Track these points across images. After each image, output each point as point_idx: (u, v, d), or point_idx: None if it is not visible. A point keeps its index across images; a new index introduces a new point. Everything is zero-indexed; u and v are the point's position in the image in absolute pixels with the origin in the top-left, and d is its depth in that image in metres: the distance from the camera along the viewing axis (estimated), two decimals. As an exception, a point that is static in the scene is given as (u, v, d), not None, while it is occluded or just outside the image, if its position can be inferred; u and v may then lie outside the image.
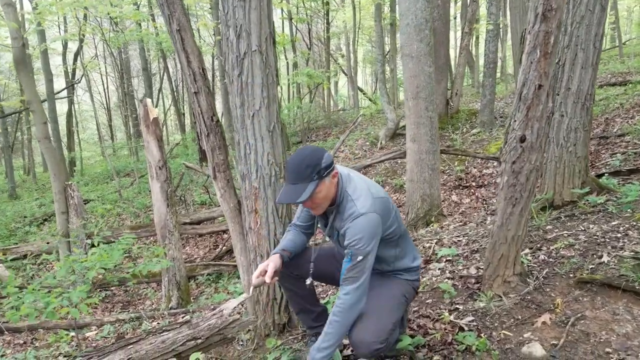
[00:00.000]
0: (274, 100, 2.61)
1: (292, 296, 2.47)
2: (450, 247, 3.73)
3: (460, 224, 5.29)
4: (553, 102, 2.29)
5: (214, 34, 12.02)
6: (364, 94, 20.28)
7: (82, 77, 15.35)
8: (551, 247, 3.19)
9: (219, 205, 7.89)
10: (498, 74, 15.87)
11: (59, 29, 16.45)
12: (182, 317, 4.41)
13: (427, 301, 3.02)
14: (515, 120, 2.36)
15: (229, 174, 2.88)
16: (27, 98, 5.77)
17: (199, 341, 2.43)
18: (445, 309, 2.84)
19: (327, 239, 2.36)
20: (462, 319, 2.67)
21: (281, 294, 2.91)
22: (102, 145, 15.54)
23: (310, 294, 2.49)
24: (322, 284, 3.76)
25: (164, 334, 2.43)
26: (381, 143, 10.68)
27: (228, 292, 5.34)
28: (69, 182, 6.38)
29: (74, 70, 16.52)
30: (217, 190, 2.92)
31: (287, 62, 16.27)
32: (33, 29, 9.26)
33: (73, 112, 17.91)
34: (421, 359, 2.34)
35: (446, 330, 2.57)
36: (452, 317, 2.69)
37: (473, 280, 3.11)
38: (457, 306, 2.86)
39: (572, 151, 3.72)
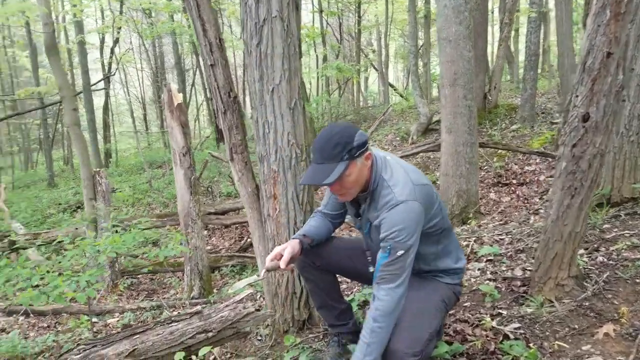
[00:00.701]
0: (296, 74, 2.34)
1: (314, 289, 2.20)
2: (491, 245, 3.38)
3: (501, 222, 4.90)
4: (624, 73, 1.92)
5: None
6: (394, 90, 19.77)
7: (116, 70, 15.55)
8: (611, 248, 2.80)
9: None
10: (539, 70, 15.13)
11: (96, 23, 16.74)
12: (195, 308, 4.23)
13: (465, 304, 2.70)
14: (577, 96, 2.01)
15: (246, 156, 2.64)
16: (58, 84, 5.74)
17: (210, 334, 2.21)
18: (487, 314, 2.52)
19: (358, 231, 2.07)
20: (506, 325, 2.34)
21: (301, 287, 2.65)
22: (136, 135, 15.71)
23: (334, 288, 2.21)
24: (347, 279, 3.47)
25: (172, 324, 2.22)
26: (412, 138, 10.27)
27: (250, 285, 5.14)
28: (98, 169, 6.32)
29: (110, 64, 16.77)
30: (235, 174, 2.69)
31: (317, 56, 16.00)
32: (70, 20, 9.33)
33: (109, 105, 18.22)
34: (459, 369, 2.04)
35: (488, 338, 2.25)
36: (494, 323, 2.37)
37: (519, 283, 2.76)
38: (500, 311, 2.53)
39: (634, 141, 3.30)
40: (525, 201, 6.61)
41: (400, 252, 1.68)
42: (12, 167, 18.03)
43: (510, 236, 3.57)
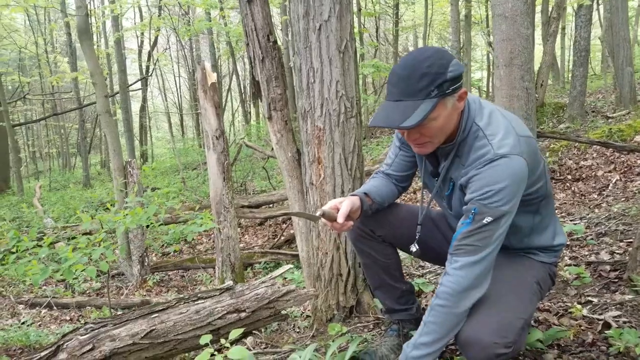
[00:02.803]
0: (348, 10, 2.00)
1: (370, 265, 1.82)
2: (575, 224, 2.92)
3: (562, 215, 4.41)
4: None
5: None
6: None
7: (153, 71, 15.70)
8: None
9: (277, 189, 7.44)
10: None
11: (135, 24, 17.00)
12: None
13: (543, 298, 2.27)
14: None
15: (287, 113, 2.31)
16: (90, 69, 5.61)
17: (243, 314, 1.86)
18: (572, 302, 2.09)
19: (426, 195, 1.68)
20: (601, 313, 1.91)
21: (348, 268, 2.28)
22: (172, 139, 15.77)
23: (395, 265, 1.82)
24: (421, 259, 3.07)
25: (199, 302, 1.88)
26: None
27: (285, 280, 4.81)
28: (129, 160, 6.16)
29: (147, 67, 16.98)
30: (272, 135, 2.36)
31: (357, 68, 15.74)
32: (107, 15, 9.36)
33: (146, 108, 18.43)
34: (552, 362, 1.62)
35: (582, 328, 1.83)
36: (585, 311, 1.94)
37: (608, 268, 2.32)
38: (589, 299, 2.09)
39: None
40: (582, 197, 6.05)
41: (487, 219, 1.29)
42: (50, 170, 18.41)
43: (586, 221, 3.11)
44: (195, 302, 1.89)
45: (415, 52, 1.33)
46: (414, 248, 1.66)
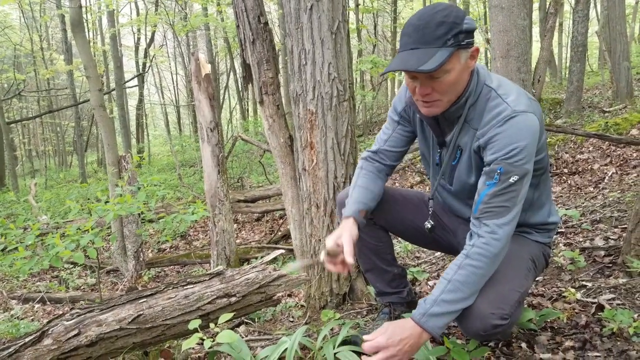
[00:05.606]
0: (340, -10, 1.98)
1: (361, 248, 1.79)
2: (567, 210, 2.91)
3: (559, 205, 4.40)
4: None
5: None
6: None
7: (149, 67, 15.63)
8: None
9: (274, 184, 7.41)
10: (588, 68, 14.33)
11: (131, 18, 16.94)
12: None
13: (538, 278, 2.25)
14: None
15: (278, 97, 2.28)
16: (83, 63, 5.56)
17: (233, 299, 1.83)
18: (565, 287, 2.07)
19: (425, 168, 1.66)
20: (595, 297, 1.89)
21: (341, 255, 2.25)
22: (169, 136, 15.72)
23: (386, 249, 1.80)
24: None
25: (188, 287, 1.85)
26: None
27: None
28: (124, 154, 6.13)
29: (144, 64, 16.92)
30: (264, 121, 2.33)
31: (350, 51, 15.68)
32: (103, 10, 9.31)
33: (143, 105, 18.37)
34: (545, 344, 1.60)
35: (575, 311, 1.81)
36: (579, 295, 1.92)
37: (602, 253, 2.31)
38: (584, 283, 2.08)
39: None
40: (579, 190, 6.05)
41: (514, 178, 1.28)
42: (46, 168, 18.35)
43: (581, 209, 3.09)
44: (185, 287, 1.86)
45: (429, 5, 1.32)
46: (428, 224, 1.62)
